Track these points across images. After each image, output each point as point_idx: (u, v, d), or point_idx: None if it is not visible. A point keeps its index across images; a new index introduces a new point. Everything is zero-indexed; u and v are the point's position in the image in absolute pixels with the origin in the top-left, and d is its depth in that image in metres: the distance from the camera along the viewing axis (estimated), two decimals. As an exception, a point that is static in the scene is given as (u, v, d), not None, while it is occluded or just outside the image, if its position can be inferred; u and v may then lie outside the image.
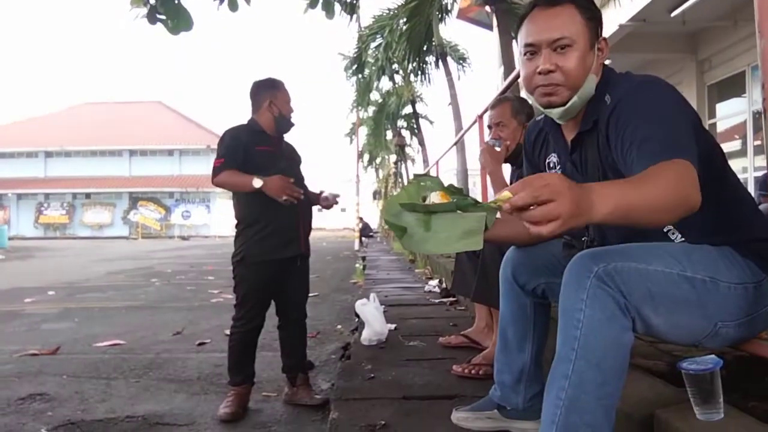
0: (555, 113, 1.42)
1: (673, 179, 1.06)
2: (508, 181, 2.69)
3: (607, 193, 0.99)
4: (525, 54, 1.42)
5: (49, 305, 6.54)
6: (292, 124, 2.84)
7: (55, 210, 40.29)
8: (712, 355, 1.19)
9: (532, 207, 0.92)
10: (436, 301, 4.95)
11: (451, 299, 4.80)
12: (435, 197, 1.37)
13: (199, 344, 4.23)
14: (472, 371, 2.46)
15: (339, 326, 4.86)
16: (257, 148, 2.71)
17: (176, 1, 4.13)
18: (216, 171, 2.67)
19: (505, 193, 0.94)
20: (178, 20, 4.11)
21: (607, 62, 1.47)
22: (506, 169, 2.79)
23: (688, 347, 1.42)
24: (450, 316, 4.23)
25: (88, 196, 40.14)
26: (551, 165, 1.59)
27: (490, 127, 2.69)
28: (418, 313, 4.09)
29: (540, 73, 1.37)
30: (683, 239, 1.32)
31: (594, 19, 1.38)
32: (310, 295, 2.98)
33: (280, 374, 2.97)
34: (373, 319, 3.22)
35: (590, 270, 1.17)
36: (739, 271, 1.25)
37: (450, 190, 1.41)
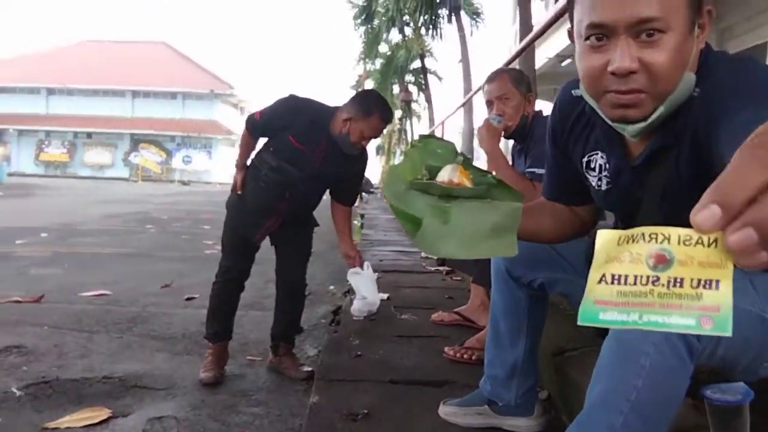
0: (629, 130, 1.00)
1: None
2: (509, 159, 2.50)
3: None
4: (587, 37, 0.96)
5: (40, 248, 6.43)
6: (351, 151, 2.53)
7: (56, 148, 40.06)
8: (741, 384, 1.04)
9: None
10: (432, 269, 4.82)
11: (448, 269, 4.68)
12: (451, 173, 1.04)
13: (188, 299, 4.13)
14: (465, 355, 2.33)
15: (332, 287, 4.76)
16: (290, 138, 2.47)
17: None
18: (247, 124, 2.57)
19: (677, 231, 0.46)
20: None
21: None
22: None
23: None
24: (446, 286, 4.11)
25: (89, 135, 39.85)
26: (593, 166, 1.20)
27: (489, 102, 2.45)
28: (412, 282, 3.97)
29: (614, 74, 0.93)
30: None
31: None
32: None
33: (267, 336, 2.85)
34: (366, 290, 3.07)
35: None
36: None
37: (465, 161, 1.14)
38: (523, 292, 1.57)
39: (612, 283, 0.48)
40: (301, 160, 2.48)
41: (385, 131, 2.88)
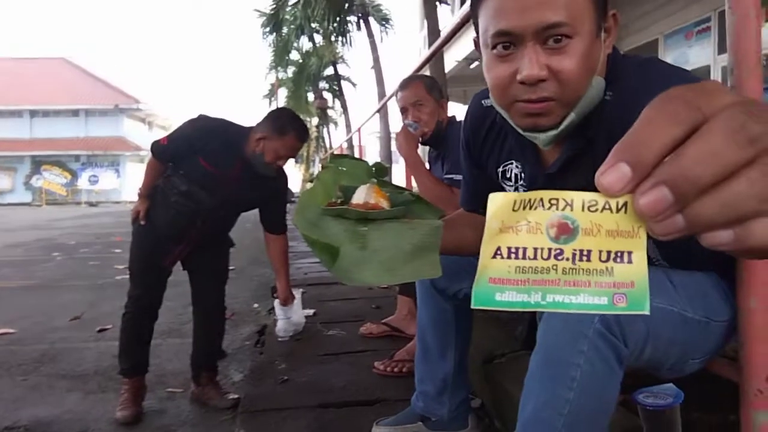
0: (542, 139, 0.97)
1: None
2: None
3: None
4: (494, 46, 0.91)
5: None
6: (267, 172, 2.39)
7: (-53, 175, 37.12)
8: (671, 385, 1.05)
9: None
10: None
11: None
12: (366, 194, 0.98)
13: (99, 330, 3.87)
14: (395, 369, 2.30)
15: (256, 305, 4.61)
16: (201, 160, 2.33)
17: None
18: (153, 151, 2.42)
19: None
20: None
21: None
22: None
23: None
24: (372, 296, 4.06)
25: (-16, 160, 37.18)
26: (509, 176, 1.17)
27: (403, 109, 2.44)
28: (338, 294, 3.90)
29: (523, 83, 0.90)
30: (668, 266, 1.07)
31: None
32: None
33: (186, 365, 2.69)
34: (290, 310, 2.99)
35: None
36: (725, 305, 1.06)
37: (380, 174, 1.09)
38: (449, 303, 1.55)
39: (509, 257, 0.40)
40: (213, 183, 2.34)
41: None
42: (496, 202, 0.42)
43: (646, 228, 0.37)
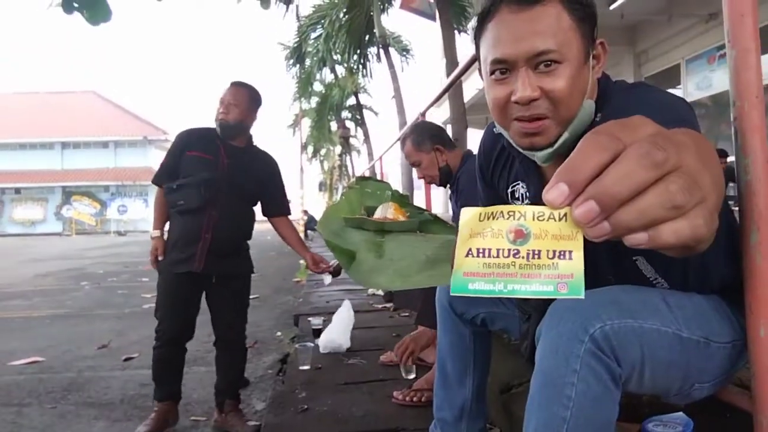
0: (539, 156, 1.06)
1: None
2: (450, 208, 2.59)
3: None
4: (492, 72, 1.03)
5: (-37, 316, 6.04)
6: (230, 132, 2.55)
7: (-19, 206, 38.13)
8: (681, 414, 1.05)
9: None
10: (380, 306, 4.79)
11: (394, 305, 4.66)
12: (386, 211, 1.10)
13: (126, 359, 3.94)
14: (414, 398, 2.30)
15: (278, 333, 4.64)
16: (187, 153, 2.56)
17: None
18: (154, 181, 2.66)
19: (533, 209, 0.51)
20: (94, 10, 3.80)
21: None
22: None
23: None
24: (393, 324, 4.07)
25: (17, 191, 38.13)
26: (517, 196, 1.26)
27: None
28: (360, 322, 3.90)
29: (517, 102, 1.00)
30: (669, 288, 1.08)
31: (587, 19, 1.02)
32: (249, 297, 2.77)
33: (211, 394, 2.74)
34: (337, 330, 3.20)
35: (585, 331, 0.92)
36: (729, 327, 1.06)
37: (401, 199, 1.17)
38: (467, 328, 1.57)
39: (478, 256, 0.50)
40: (208, 165, 2.52)
41: (325, 167, 2.92)
42: (466, 214, 0.52)
43: (582, 232, 0.47)
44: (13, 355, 4.14)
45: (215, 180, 2.50)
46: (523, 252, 0.49)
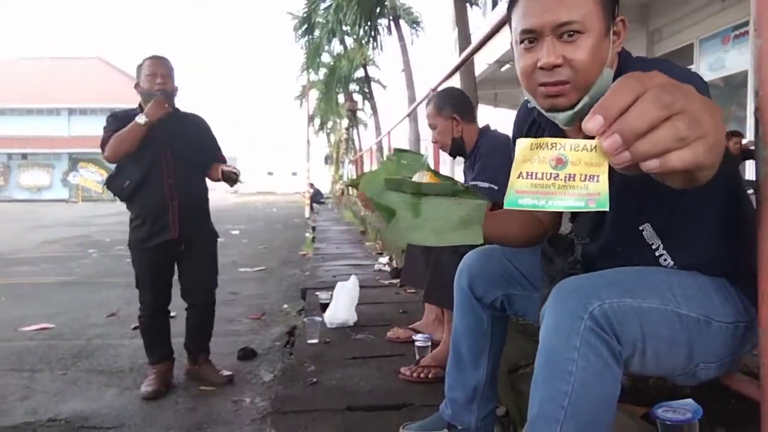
0: (561, 118, 1.16)
1: None
2: (460, 177, 2.56)
3: None
4: (521, 42, 1.13)
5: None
6: (155, 94, 2.65)
7: (-11, 171, 38.27)
8: (690, 400, 1.07)
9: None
10: (386, 282, 4.82)
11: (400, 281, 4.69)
12: (422, 178, 1.20)
13: (134, 328, 3.97)
14: (421, 375, 2.34)
15: (285, 306, 4.69)
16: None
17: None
18: (103, 145, 2.68)
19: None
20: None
21: None
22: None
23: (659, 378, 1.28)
24: (400, 300, 4.11)
25: (24, 156, 38.28)
26: None
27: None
28: (367, 298, 3.94)
29: (542, 68, 1.10)
30: (674, 265, 1.14)
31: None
32: (256, 269, 2.94)
33: (218, 364, 2.93)
34: (342, 303, 3.28)
35: (585, 309, 0.99)
36: (732, 307, 1.09)
37: (436, 172, 1.25)
38: (486, 312, 1.58)
39: (527, 178, 0.64)
40: (149, 140, 2.63)
41: (332, 140, 2.96)
42: (520, 144, 0.66)
43: (608, 160, 0.62)
44: (23, 321, 4.20)
45: (158, 149, 2.66)
46: (561, 175, 0.63)
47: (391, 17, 12.22)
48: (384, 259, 5.88)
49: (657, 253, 1.14)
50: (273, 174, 60.32)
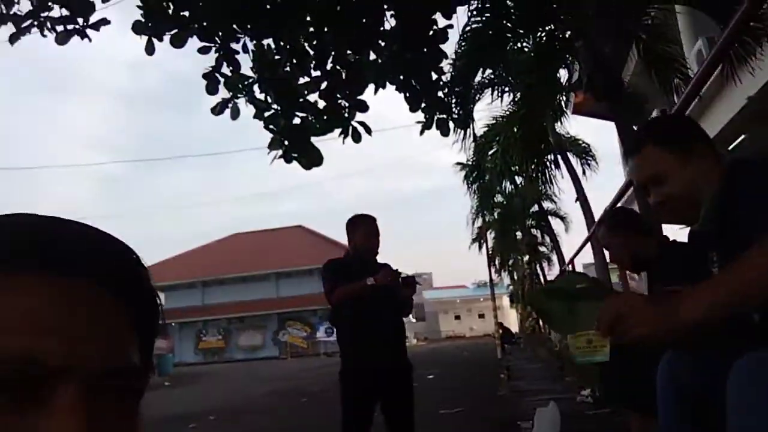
0: (697, 227, 1.48)
1: None
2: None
3: (699, 294, 1.04)
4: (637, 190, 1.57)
5: (211, 431, 6.97)
6: (371, 251, 3.19)
7: (213, 336, 42.96)
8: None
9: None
10: (591, 413, 4.72)
11: (607, 410, 4.54)
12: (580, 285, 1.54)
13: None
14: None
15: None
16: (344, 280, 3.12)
17: (307, 142, 4.66)
18: (328, 293, 3.10)
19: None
20: (311, 158, 4.62)
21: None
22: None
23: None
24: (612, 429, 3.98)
25: (241, 320, 42.56)
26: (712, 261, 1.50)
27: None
28: (573, 428, 3.88)
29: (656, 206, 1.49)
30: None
31: (677, 144, 1.41)
32: (456, 410, 3.06)
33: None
34: (546, 427, 3.32)
35: None
36: None
37: (596, 280, 1.63)
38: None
39: (579, 348, 1.36)
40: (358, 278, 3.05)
41: (516, 277, 3.19)
42: (571, 338, 1.46)
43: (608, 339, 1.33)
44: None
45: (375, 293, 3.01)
46: (591, 345, 1.41)
47: (557, 152, 12.56)
48: (586, 392, 5.74)
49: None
50: (460, 318, 60.82)
